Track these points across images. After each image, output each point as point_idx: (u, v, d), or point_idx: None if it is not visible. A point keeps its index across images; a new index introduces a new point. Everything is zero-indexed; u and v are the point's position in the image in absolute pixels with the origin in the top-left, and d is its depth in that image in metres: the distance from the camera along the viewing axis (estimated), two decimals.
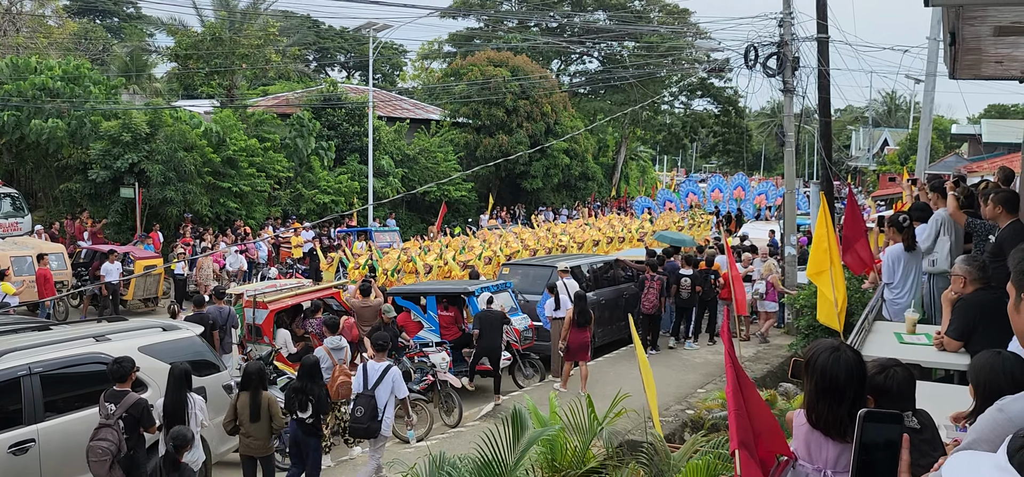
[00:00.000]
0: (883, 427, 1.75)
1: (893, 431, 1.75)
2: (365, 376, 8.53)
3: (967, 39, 7.30)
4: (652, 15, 47.03)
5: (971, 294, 5.24)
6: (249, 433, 7.90)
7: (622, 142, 47.37)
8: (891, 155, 47.34)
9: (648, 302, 14.43)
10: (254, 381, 7.95)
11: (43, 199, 26.29)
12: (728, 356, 3.74)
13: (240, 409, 7.93)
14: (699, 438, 7.68)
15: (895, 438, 1.75)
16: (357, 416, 8.41)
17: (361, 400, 8.42)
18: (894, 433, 1.75)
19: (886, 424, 1.76)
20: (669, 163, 79.31)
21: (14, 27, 30.26)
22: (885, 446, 1.74)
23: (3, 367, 7.36)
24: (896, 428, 1.76)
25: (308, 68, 54.29)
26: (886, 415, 1.79)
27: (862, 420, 1.77)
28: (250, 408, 7.85)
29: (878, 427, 1.75)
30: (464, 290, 13.76)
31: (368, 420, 8.33)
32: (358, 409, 8.41)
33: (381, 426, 8.37)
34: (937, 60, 17.42)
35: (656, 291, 14.40)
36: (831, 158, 17.74)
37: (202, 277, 19.71)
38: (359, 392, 8.48)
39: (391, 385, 8.49)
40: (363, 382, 8.50)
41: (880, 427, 1.75)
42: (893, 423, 1.77)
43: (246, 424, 7.88)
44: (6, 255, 17.86)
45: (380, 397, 8.41)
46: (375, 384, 8.46)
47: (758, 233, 22.76)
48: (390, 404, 8.49)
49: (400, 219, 32.27)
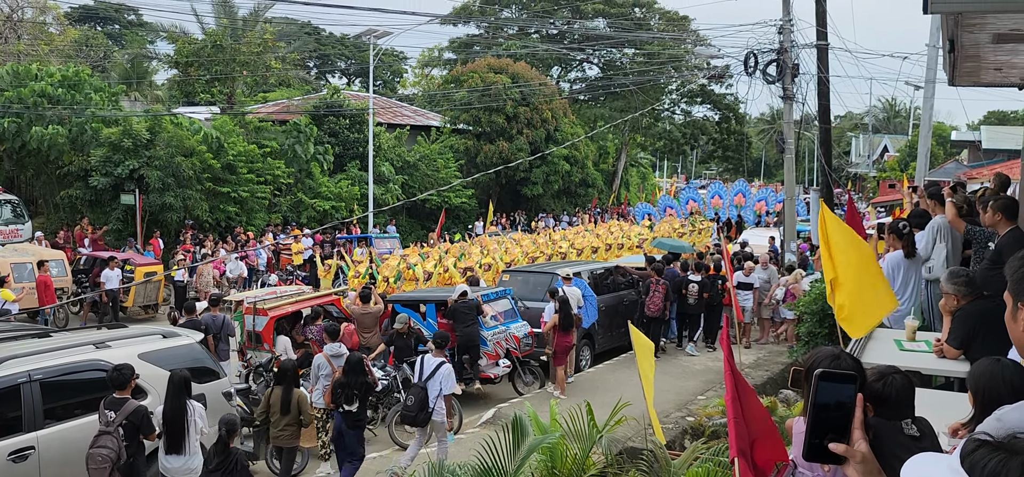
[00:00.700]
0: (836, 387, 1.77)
1: (845, 392, 1.76)
2: (421, 369, 9.02)
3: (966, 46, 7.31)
4: (652, 22, 47.11)
5: (970, 303, 5.25)
6: (279, 425, 8.41)
7: (622, 149, 47.41)
8: (891, 162, 47.40)
9: (653, 305, 14.54)
10: (288, 378, 8.52)
11: (43, 206, 26.30)
12: (727, 363, 3.74)
13: (272, 403, 8.48)
14: (699, 445, 7.67)
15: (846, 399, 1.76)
16: (408, 405, 8.90)
17: (413, 391, 8.93)
18: (845, 394, 1.76)
19: (840, 384, 1.78)
20: (669, 169, 79.40)
21: (15, 34, 30.30)
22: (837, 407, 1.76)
23: (3, 374, 7.36)
24: (849, 389, 1.77)
25: (309, 75, 54.41)
26: (841, 375, 1.80)
27: (817, 379, 1.78)
28: (281, 402, 8.41)
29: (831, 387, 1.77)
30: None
31: (417, 409, 8.82)
32: (409, 398, 8.91)
33: (431, 416, 8.82)
34: (936, 67, 17.44)
35: (661, 295, 14.50)
36: (831, 165, 17.76)
37: (202, 284, 19.71)
38: (412, 383, 8.98)
39: (441, 380, 8.93)
40: (418, 374, 8.98)
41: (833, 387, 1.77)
42: (847, 383, 1.78)
43: (277, 416, 8.42)
44: (6, 262, 17.87)
45: (431, 390, 8.90)
46: (428, 377, 8.91)
47: (758, 240, 22.76)
48: (441, 398, 8.93)
49: (400, 226, 32.29)
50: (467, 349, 12.47)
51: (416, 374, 9.03)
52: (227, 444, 7.11)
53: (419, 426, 9.03)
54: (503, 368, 12.91)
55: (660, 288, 14.55)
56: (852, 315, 6.37)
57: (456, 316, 12.47)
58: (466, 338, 12.45)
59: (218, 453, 7.11)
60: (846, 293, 6.45)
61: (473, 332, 12.50)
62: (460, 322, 12.46)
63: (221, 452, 7.09)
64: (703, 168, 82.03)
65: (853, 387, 1.76)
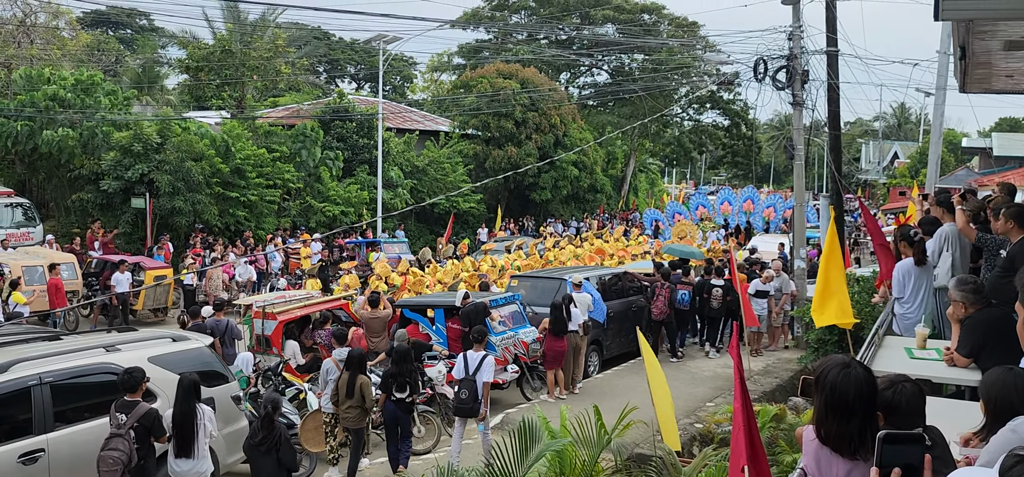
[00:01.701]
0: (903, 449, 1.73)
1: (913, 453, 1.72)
2: (466, 364, 9.76)
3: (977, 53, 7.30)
4: (661, 28, 47.09)
5: (978, 312, 5.21)
6: (345, 406, 9.17)
7: (631, 154, 47.37)
8: (901, 168, 47.23)
9: (657, 309, 14.89)
10: (354, 365, 9.24)
11: (55, 209, 26.46)
12: (737, 371, 3.73)
13: (340, 387, 9.25)
14: (709, 452, 7.65)
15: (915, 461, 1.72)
16: (462, 398, 9.59)
17: (465, 384, 9.61)
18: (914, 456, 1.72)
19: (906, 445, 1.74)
20: (678, 175, 79.30)
21: (28, 39, 30.49)
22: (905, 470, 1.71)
23: (14, 377, 7.39)
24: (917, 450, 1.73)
25: (318, 80, 54.60)
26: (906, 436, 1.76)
27: (881, 441, 1.74)
28: (347, 386, 9.13)
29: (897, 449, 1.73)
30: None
31: (471, 401, 9.55)
32: (462, 392, 9.59)
33: (479, 406, 9.59)
34: (947, 74, 17.37)
35: (664, 299, 14.82)
36: (841, 171, 17.70)
37: (211, 288, 19.78)
38: (461, 377, 9.68)
39: (485, 371, 9.71)
40: (465, 369, 9.73)
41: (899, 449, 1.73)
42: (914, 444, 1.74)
43: (343, 399, 9.17)
44: (18, 265, 17.97)
45: (479, 382, 9.60)
46: (475, 370, 9.65)
47: (767, 246, 22.69)
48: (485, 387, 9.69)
49: (409, 230, 32.34)
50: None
51: (464, 369, 9.75)
52: (272, 419, 7.70)
53: (471, 417, 9.72)
54: (511, 373, 12.89)
55: (664, 292, 14.84)
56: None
57: (468, 317, 12.50)
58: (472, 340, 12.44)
59: (264, 427, 7.69)
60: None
61: (481, 331, 12.51)
62: (472, 323, 12.43)
63: (266, 426, 7.68)
64: (712, 174, 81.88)
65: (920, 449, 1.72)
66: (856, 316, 9.72)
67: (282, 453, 7.67)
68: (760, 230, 33.44)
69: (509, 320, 13.50)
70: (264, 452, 7.63)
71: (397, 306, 14.21)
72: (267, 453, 7.61)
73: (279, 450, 7.63)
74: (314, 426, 9.79)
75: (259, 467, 7.74)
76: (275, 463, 7.64)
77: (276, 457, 7.62)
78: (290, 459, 7.89)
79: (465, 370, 9.77)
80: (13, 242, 21.53)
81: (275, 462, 7.63)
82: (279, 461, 7.65)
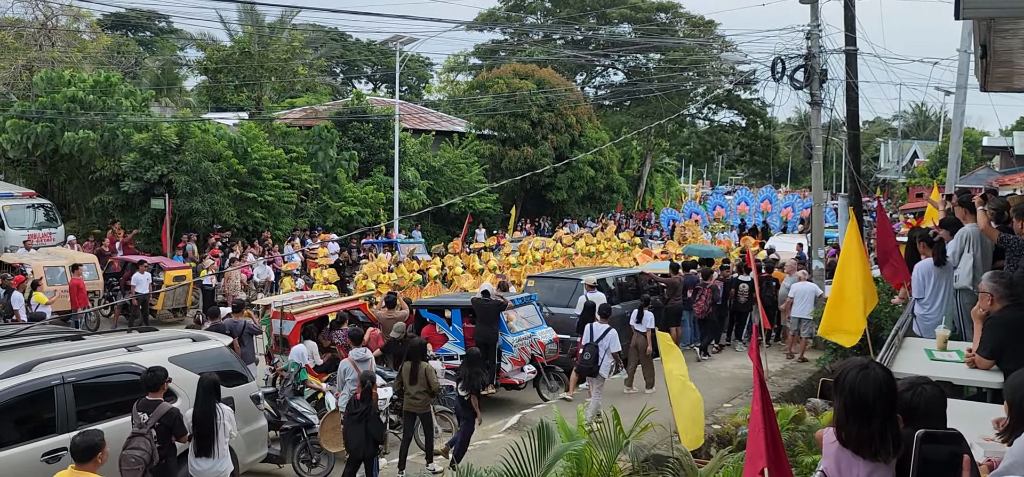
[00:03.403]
0: (942, 449, 1.73)
1: (952, 454, 1.73)
2: (592, 333, 11.38)
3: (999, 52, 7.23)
4: (677, 27, 46.92)
5: (1000, 312, 5.16)
6: (410, 393, 9.63)
7: (647, 154, 47.23)
8: (921, 168, 46.78)
9: (699, 308, 15.34)
10: (416, 352, 9.81)
11: (76, 210, 26.74)
12: (756, 373, 3.72)
13: (404, 374, 9.75)
14: (726, 454, 7.63)
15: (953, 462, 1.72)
16: (585, 359, 11.26)
17: (588, 348, 11.25)
18: (953, 456, 1.72)
19: (944, 445, 1.75)
20: (694, 175, 78.96)
21: (49, 41, 30.81)
22: (945, 465, 1.72)
23: (37, 376, 7.48)
24: (955, 450, 1.73)
25: (335, 81, 54.84)
26: (945, 435, 1.77)
27: (920, 441, 1.75)
28: (411, 372, 9.62)
29: (936, 448, 1.74)
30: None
31: (592, 363, 11.20)
32: (586, 354, 11.22)
33: (598, 369, 11.20)
34: (968, 72, 17.20)
35: (707, 298, 15.24)
36: (860, 171, 17.58)
37: (230, 288, 19.92)
38: (586, 343, 11.34)
39: (609, 340, 11.23)
40: (590, 336, 11.36)
41: (938, 449, 1.74)
42: (953, 444, 1.74)
43: (407, 385, 9.66)
44: (40, 265, 18.18)
45: (601, 348, 11.21)
46: (599, 338, 11.27)
47: (785, 246, 22.57)
48: (608, 354, 11.28)
49: (425, 231, 32.43)
50: (484, 348, 12.35)
51: (589, 336, 11.38)
52: (371, 392, 8.71)
53: (592, 376, 11.27)
54: (528, 374, 12.90)
55: (706, 292, 15.23)
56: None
57: (475, 313, 12.59)
58: (482, 336, 12.48)
59: (363, 401, 8.70)
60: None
61: (489, 331, 12.53)
62: (478, 320, 12.50)
63: (365, 399, 8.69)
64: (729, 173, 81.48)
65: (959, 449, 1.72)
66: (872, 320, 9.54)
67: (371, 425, 8.68)
68: (778, 230, 33.26)
69: (526, 321, 13.52)
70: (357, 420, 8.65)
71: (414, 307, 14.25)
72: (359, 421, 8.63)
73: (368, 421, 8.63)
74: (332, 426, 9.84)
75: (351, 435, 8.77)
76: (363, 432, 8.64)
77: (365, 427, 8.62)
78: (377, 431, 8.87)
79: (590, 337, 11.38)
80: (35, 242, 21.78)
81: (363, 431, 8.63)
82: (367, 431, 8.63)
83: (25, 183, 25.95)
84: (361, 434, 8.65)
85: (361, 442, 8.69)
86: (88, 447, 6.00)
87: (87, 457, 5.98)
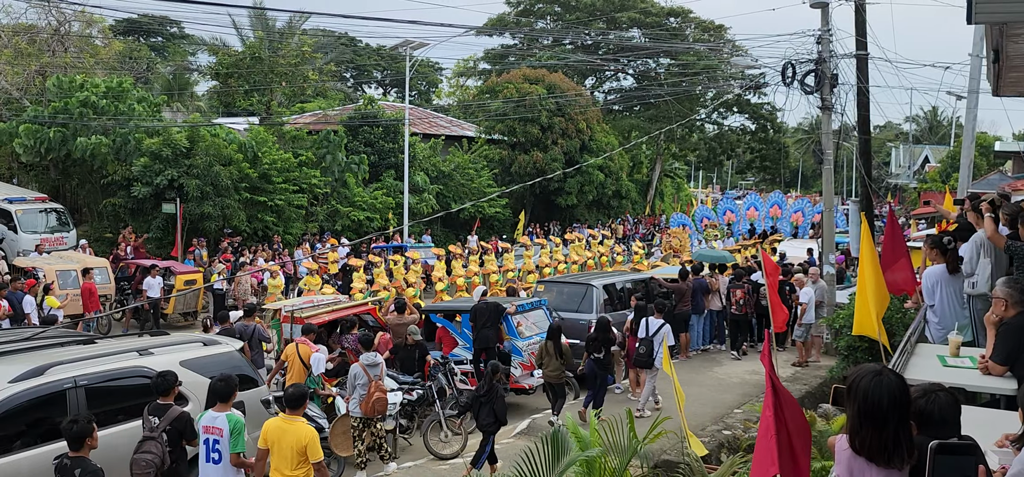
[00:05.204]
0: (957, 460, 1.71)
1: (968, 464, 1.70)
2: (647, 327, 12.06)
3: (1011, 56, 7.20)
4: (687, 32, 46.88)
5: (1014, 318, 5.12)
6: (551, 366, 11.31)
7: (657, 159, 47.17)
8: (932, 172, 46.55)
9: (734, 306, 15.76)
10: (555, 334, 11.50)
11: (88, 214, 26.90)
12: (768, 378, 3.71)
13: (546, 348, 11.41)
14: (736, 459, 7.60)
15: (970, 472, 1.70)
16: (641, 352, 11.95)
17: (644, 343, 11.95)
18: (969, 467, 1.70)
19: (959, 456, 1.72)
20: (704, 179, 78.79)
21: (62, 47, 31.06)
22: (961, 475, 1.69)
23: (50, 380, 7.52)
24: (970, 461, 1.71)
25: (345, 85, 55.00)
26: (959, 447, 1.74)
27: (934, 452, 1.72)
28: (554, 348, 11.30)
29: (950, 459, 1.71)
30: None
31: (648, 356, 11.88)
32: (642, 348, 11.95)
33: (654, 361, 11.83)
34: (980, 77, 17.12)
35: (739, 299, 15.63)
36: (871, 176, 17.51)
37: (240, 292, 19.99)
38: (643, 337, 12.02)
39: (663, 335, 11.75)
40: (645, 330, 12.04)
41: (953, 460, 1.71)
42: (967, 455, 1.72)
43: (549, 358, 11.31)
44: (52, 269, 18.28)
45: (656, 342, 11.75)
46: (654, 333, 11.90)
47: (796, 251, 22.48)
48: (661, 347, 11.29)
49: (435, 235, 32.47)
50: (483, 352, 12.38)
51: (645, 330, 12.04)
52: (492, 378, 9.73)
53: (647, 368, 11.99)
54: (537, 379, 12.89)
55: (739, 293, 15.57)
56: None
57: (477, 318, 12.56)
58: (482, 340, 12.47)
59: (487, 384, 9.69)
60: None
61: (489, 335, 12.50)
62: (477, 323, 12.51)
63: (489, 382, 9.69)
64: (739, 178, 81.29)
65: (974, 459, 1.70)
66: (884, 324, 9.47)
67: (496, 405, 9.60)
68: (788, 235, 33.12)
69: (535, 326, 13.49)
70: (484, 402, 9.57)
71: (424, 311, 14.26)
72: (486, 402, 9.55)
73: (495, 402, 9.58)
74: (343, 430, 9.85)
75: (480, 415, 9.66)
76: (490, 412, 9.55)
77: (492, 407, 9.54)
78: (502, 411, 9.72)
79: (646, 331, 12.03)
80: (48, 247, 21.92)
81: (490, 411, 9.55)
82: (494, 411, 9.55)
83: (38, 187, 26.11)
84: (488, 413, 9.61)
85: (489, 421, 9.63)
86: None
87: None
